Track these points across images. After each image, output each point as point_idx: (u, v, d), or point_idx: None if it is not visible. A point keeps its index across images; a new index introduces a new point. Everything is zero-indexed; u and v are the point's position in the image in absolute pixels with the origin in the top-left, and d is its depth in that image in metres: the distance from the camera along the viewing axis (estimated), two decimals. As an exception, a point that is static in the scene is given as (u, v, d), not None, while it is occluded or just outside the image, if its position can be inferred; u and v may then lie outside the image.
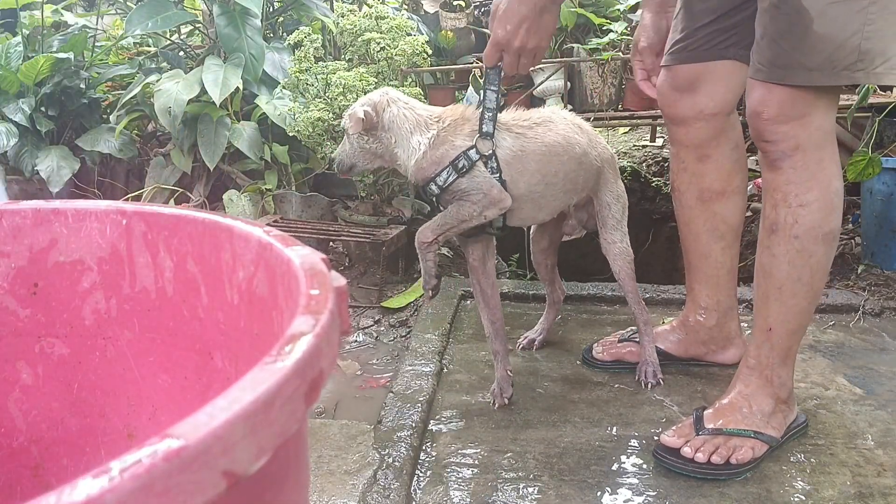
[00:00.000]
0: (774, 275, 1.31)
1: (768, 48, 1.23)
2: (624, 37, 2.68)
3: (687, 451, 1.34)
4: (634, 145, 3.59)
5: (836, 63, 1.16)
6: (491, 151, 1.44)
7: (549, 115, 1.54)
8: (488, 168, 1.44)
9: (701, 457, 1.33)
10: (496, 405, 1.59)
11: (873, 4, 1.12)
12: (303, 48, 2.38)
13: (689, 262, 1.68)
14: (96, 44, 3.20)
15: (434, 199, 1.49)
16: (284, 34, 3.05)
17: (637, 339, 1.73)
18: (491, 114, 1.44)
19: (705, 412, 1.40)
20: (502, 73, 1.44)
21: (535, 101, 2.72)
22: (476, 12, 3.13)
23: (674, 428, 1.41)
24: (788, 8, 1.17)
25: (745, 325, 1.96)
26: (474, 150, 1.43)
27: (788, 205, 1.27)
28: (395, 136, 1.48)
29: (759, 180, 3.20)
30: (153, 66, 3.14)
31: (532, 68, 1.46)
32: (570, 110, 2.61)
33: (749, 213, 2.46)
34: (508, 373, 1.61)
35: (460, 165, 1.43)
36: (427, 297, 1.53)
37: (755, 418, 1.37)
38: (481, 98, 1.45)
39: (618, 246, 1.64)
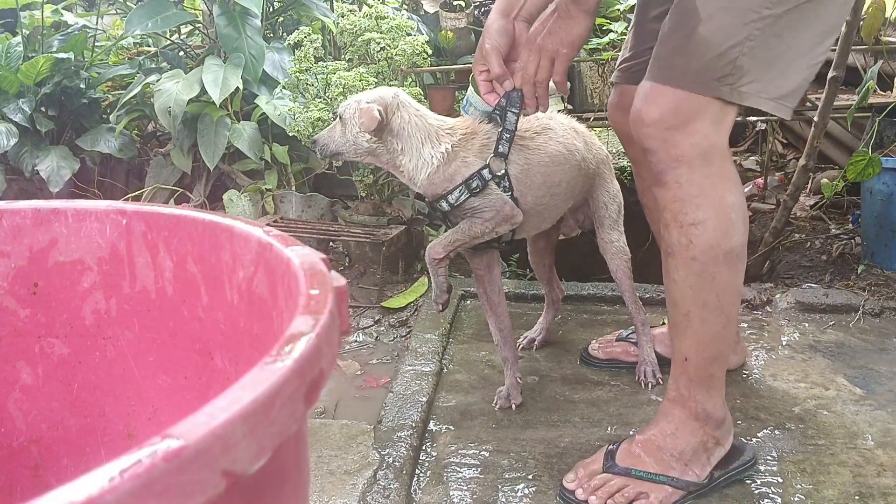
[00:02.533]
0: (679, 302, 1.20)
1: (658, 45, 1.17)
2: (623, 37, 2.68)
3: (580, 493, 1.24)
4: (634, 145, 3.59)
5: (711, 72, 1.09)
6: (503, 171, 1.42)
7: (546, 123, 1.52)
8: (501, 187, 1.42)
9: (595, 501, 1.22)
10: (497, 405, 1.59)
11: (761, 20, 1.06)
12: (303, 48, 2.38)
13: None
14: (96, 44, 3.20)
15: (443, 215, 1.47)
16: (284, 34, 3.05)
17: (634, 340, 1.73)
18: (509, 135, 1.40)
19: (620, 446, 1.29)
20: (523, 99, 1.38)
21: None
22: (476, 12, 3.13)
23: (582, 463, 1.30)
24: (682, 6, 1.12)
25: (745, 325, 1.96)
26: (487, 169, 1.41)
27: (680, 224, 1.16)
28: (404, 144, 1.43)
29: (759, 180, 3.20)
30: (153, 66, 3.14)
31: (551, 87, 1.34)
32: (570, 110, 2.62)
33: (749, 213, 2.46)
34: (518, 380, 1.61)
35: (473, 185, 1.40)
36: (437, 310, 1.53)
37: (671, 461, 1.24)
38: (500, 118, 1.40)
39: (615, 245, 1.64)
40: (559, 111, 2.39)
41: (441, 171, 1.42)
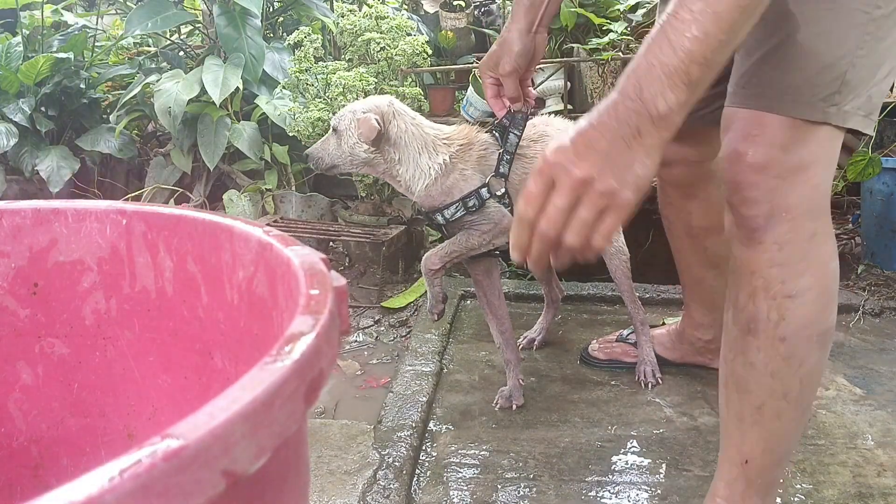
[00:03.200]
0: (752, 390, 0.97)
1: (741, 59, 0.95)
2: (624, 37, 2.68)
3: None
4: (634, 145, 3.59)
5: (816, 90, 0.88)
6: (504, 190, 1.42)
7: (543, 130, 1.51)
8: (501, 203, 1.42)
9: None
10: (498, 405, 1.59)
11: (872, 22, 0.86)
12: (303, 48, 2.38)
13: (682, 282, 1.65)
14: (96, 44, 3.20)
15: (439, 225, 1.47)
16: (284, 34, 3.05)
17: (634, 341, 1.73)
18: (509, 157, 1.41)
19: None
20: (528, 120, 1.40)
21: (537, 102, 2.72)
22: (476, 12, 3.13)
23: None
24: (769, 12, 0.84)
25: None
26: (486, 188, 1.41)
27: (773, 296, 0.93)
28: (401, 154, 1.42)
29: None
30: (153, 66, 3.14)
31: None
32: (571, 110, 2.61)
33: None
34: (520, 382, 1.61)
35: (470, 204, 1.40)
36: (432, 319, 1.52)
37: None
38: (501, 139, 1.41)
39: (613, 245, 1.64)
40: (559, 112, 2.38)
41: (439, 184, 1.42)
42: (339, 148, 1.44)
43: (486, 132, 1.45)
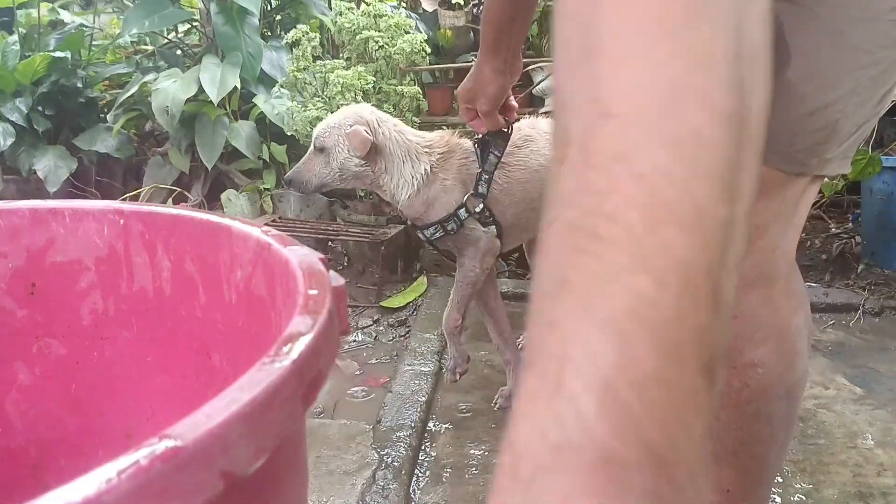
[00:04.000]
0: (723, 439, 0.95)
1: None
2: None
3: None
4: (633, 144, 3.60)
5: (798, 137, 0.74)
6: (482, 207, 1.41)
7: (528, 133, 1.50)
8: (482, 216, 1.42)
9: None
10: (497, 405, 1.58)
11: (875, 65, 0.73)
12: (301, 47, 2.38)
13: None
14: (93, 42, 3.20)
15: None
16: (282, 33, 3.04)
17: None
18: (488, 176, 1.40)
19: None
20: (509, 138, 1.39)
21: (535, 101, 2.71)
22: (475, 10, 3.13)
23: None
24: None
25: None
26: (464, 209, 1.40)
27: (732, 364, 0.88)
28: (386, 162, 1.41)
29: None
30: (150, 64, 3.13)
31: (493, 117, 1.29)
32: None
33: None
34: None
35: (449, 228, 1.40)
36: (452, 380, 1.51)
37: None
38: (481, 157, 1.39)
39: None
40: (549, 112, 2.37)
41: (422, 194, 1.42)
42: (328, 166, 1.42)
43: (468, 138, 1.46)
